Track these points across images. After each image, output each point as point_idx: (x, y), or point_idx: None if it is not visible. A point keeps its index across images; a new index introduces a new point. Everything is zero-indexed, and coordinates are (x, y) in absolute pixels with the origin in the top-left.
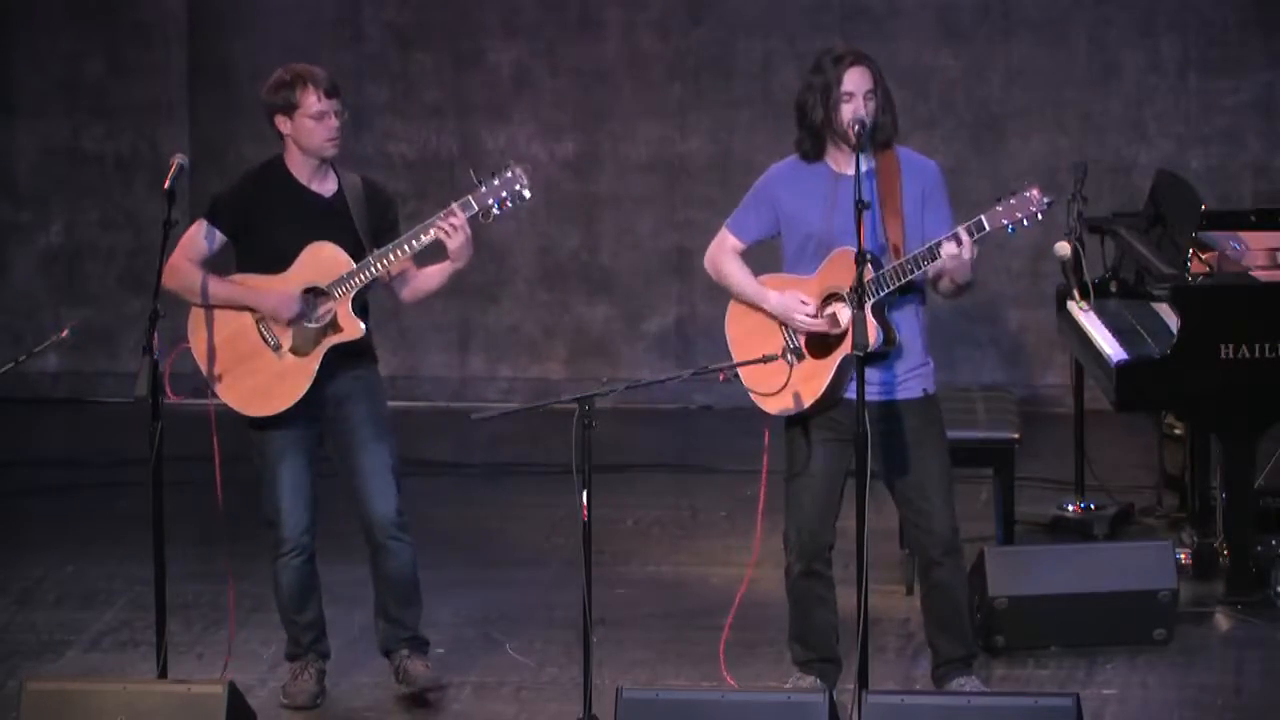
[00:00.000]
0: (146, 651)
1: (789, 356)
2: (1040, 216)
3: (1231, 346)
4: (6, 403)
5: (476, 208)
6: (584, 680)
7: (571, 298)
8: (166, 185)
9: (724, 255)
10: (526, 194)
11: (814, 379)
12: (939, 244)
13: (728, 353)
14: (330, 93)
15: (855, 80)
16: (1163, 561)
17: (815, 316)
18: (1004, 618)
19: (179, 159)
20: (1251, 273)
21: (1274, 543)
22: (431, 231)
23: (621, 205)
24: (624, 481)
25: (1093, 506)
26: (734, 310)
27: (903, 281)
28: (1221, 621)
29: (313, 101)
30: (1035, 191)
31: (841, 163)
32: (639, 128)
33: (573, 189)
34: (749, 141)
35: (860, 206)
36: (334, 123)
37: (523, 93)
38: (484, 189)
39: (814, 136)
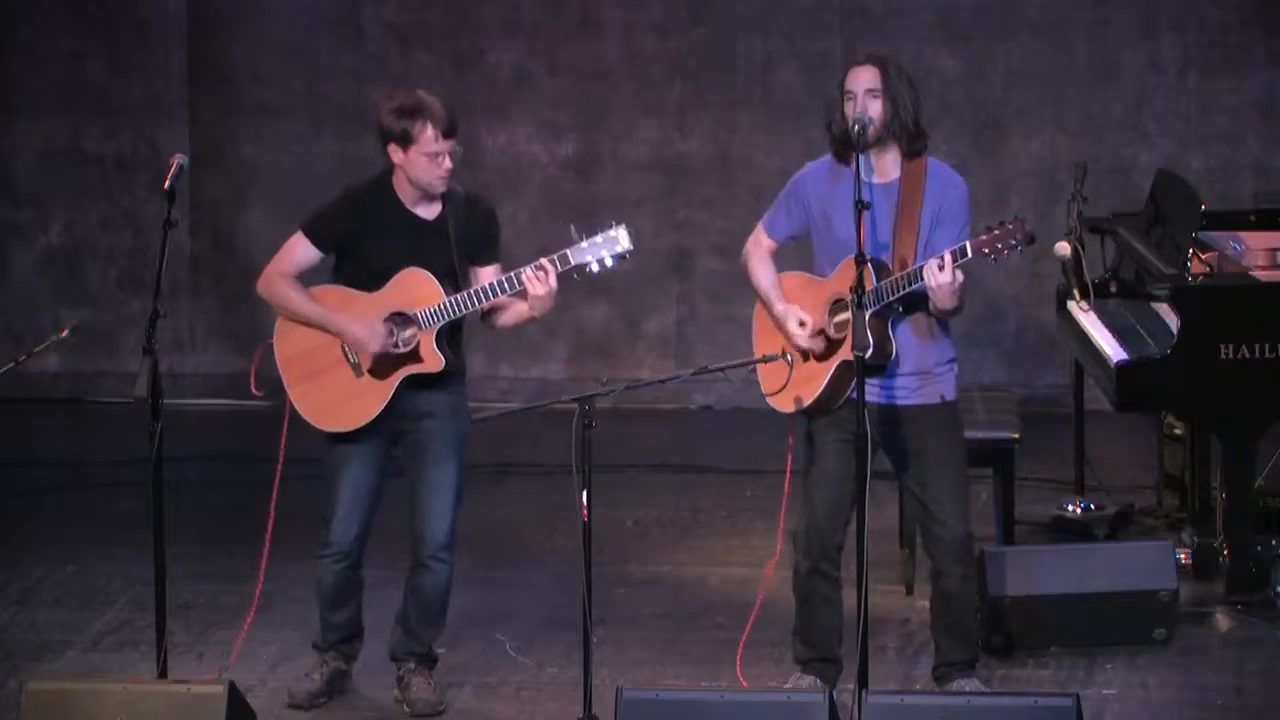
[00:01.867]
0: (146, 651)
1: (787, 356)
2: (1020, 251)
3: (1231, 346)
4: (6, 403)
5: (573, 263)
6: (584, 680)
7: (571, 298)
8: (166, 185)
9: (756, 253)
10: (627, 256)
11: (812, 380)
12: (923, 266)
13: (745, 344)
14: (449, 133)
15: (855, 79)
16: (1163, 561)
17: (813, 335)
18: (1004, 618)
19: (179, 159)
20: (1251, 273)
21: (1274, 543)
22: (522, 279)
23: (621, 205)
24: (624, 481)
25: (1093, 506)
26: (760, 305)
27: (896, 297)
28: (1221, 621)
29: (429, 140)
30: (1018, 224)
31: (864, 167)
32: (639, 128)
33: (573, 189)
34: (749, 141)
35: (860, 207)
36: (448, 164)
37: (523, 93)
38: (584, 244)
39: (834, 139)
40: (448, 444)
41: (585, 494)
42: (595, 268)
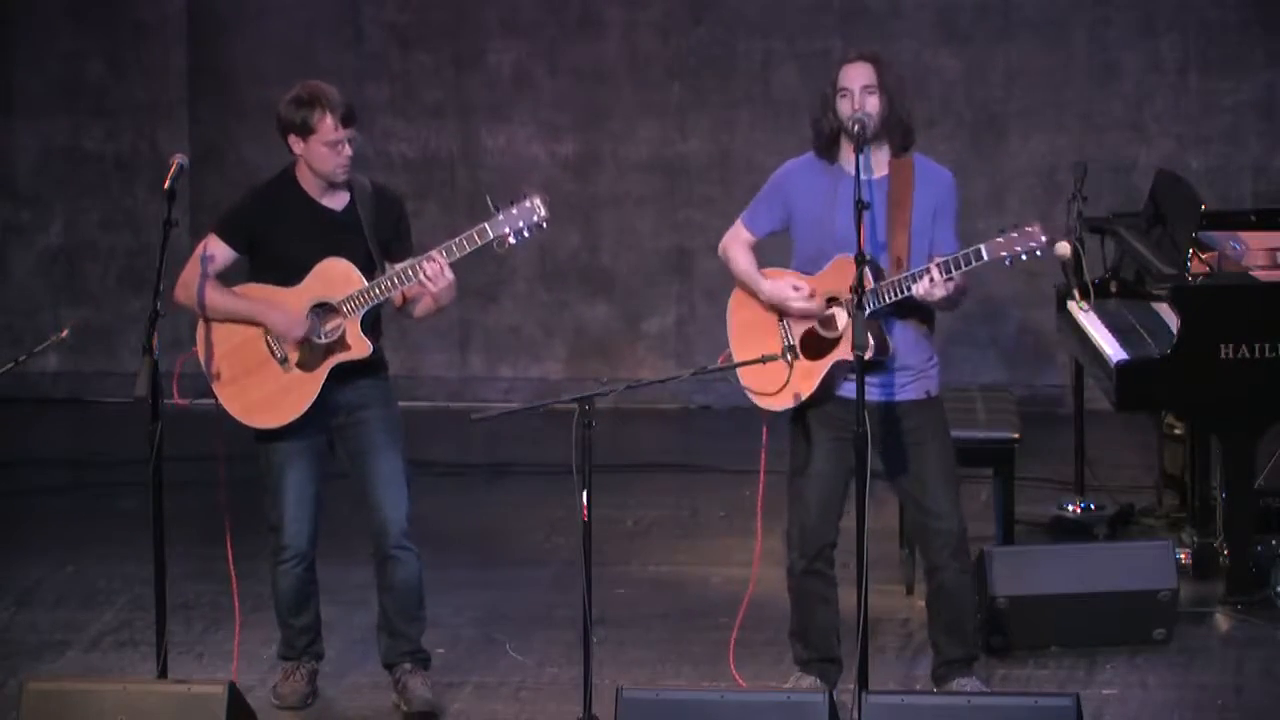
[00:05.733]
0: (146, 651)
1: (787, 357)
2: (1039, 254)
3: (1231, 346)
4: (6, 403)
5: (492, 235)
6: (584, 680)
7: (571, 298)
8: (166, 185)
9: (735, 244)
10: (544, 225)
11: (806, 379)
12: (914, 277)
13: (728, 345)
14: (346, 121)
15: (851, 76)
16: (1163, 561)
17: (810, 299)
18: (1004, 618)
19: (179, 159)
20: (1251, 273)
21: (1274, 543)
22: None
23: (621, 205)
24: (624, 481)
25: (1093, 506)
26: (735, 300)
27: (894, 300)
28: (1221, 621)
29: (328, 129)
30: (1037, 228)
31: (853, 163)
32: (639, 128)
33: (573, 189)
34: (749, 141)
35: (860, 207)
36: (348, 151)
37: (523, 93)
38: (500, 217)
39: (820, 136)
40: (388, 431)
41: (585, 494)
42: (514, 240)
